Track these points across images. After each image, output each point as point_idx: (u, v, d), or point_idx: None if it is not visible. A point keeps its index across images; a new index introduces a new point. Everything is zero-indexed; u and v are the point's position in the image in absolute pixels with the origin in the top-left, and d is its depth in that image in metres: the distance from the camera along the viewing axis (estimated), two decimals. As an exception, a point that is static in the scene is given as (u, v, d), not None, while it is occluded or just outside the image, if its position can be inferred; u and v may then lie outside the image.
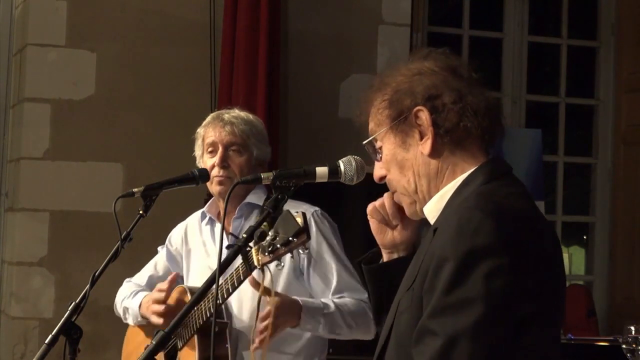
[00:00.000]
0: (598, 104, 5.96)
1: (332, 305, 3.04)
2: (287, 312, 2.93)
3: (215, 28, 4.98)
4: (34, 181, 4.85)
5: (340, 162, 2.43)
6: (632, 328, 3.23)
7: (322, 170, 2.42)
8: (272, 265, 2.49)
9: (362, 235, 4.68)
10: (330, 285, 3.12)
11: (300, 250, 2.50)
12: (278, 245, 2.48)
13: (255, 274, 2.75)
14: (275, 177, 2.40)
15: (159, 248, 3.52)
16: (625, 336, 3.24)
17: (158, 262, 3.49)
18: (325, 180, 2.43)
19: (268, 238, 2.52)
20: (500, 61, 5.75)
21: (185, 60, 4.99)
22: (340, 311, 3.04)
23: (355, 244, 3.24)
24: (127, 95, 4.94)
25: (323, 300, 3.07)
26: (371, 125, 2.06)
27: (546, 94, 5.99)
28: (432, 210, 1.99)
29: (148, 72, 4.96)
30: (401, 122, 1.98)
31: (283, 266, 2.58)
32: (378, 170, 2.08)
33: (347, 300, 3.10)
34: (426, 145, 1.96)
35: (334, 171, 2.42)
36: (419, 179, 2.00)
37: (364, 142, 2.08)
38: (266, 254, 2.53)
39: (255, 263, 2.62)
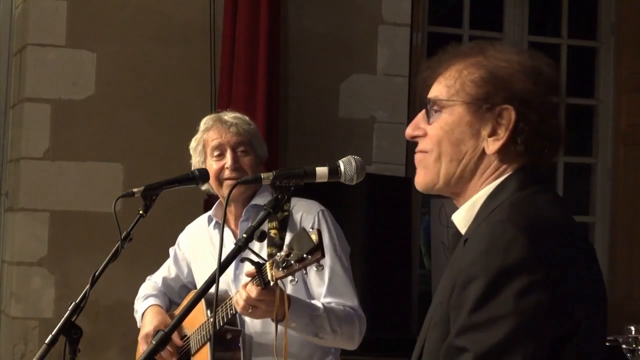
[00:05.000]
0: (598, 104, 5.96)
1: (320, 308, 2.98)
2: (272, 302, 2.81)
3: (215, 28, 4.97)
4: (34, 181, 4.84)
5: (340, 162, 2.42)
6: (632, 328, 3.23)
7: (322, 170, 2.42)
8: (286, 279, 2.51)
9: (362, 235, 4.69)
10: (321, 289, 3.07)
11: (314, 267, 2.50)
12: (292, 262, 2.50)
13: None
14: (275, 177, 2.40)
15: (170, 250, 3.52)
16: (625, 336, 3.24)
17: (170, 265, 3.50)
18: (325, 180, 2.43)
19: (282, 253, 2.54)
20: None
21: (185, 60, 4.99)
22: (328, 315, 2.98)
23: (355, 244, 3.24)
24: (127, 95, 4.94)
25: (313, 301, 3.03)
26: (440, 85, 1.91)
27: (546, 94, 5.97)
28: (463, 219, 1.91)
29: (148, 72, 4.96)
30: (483, 107, 1.87)
31: (297, 281, 2.58)
32: (414, 129, 1.94)
33: (335, 306, 3.03)
34: (494, 145, 1.87)
35: (334, 171, 2.42)
36: (459, 167, 1.90)
37: (429, 96, 1.91)
38: (280, 269, 2.55)
39: (269, 278, 2.63)
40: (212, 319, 3.03)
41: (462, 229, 1.92)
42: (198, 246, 3.38)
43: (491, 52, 1.91)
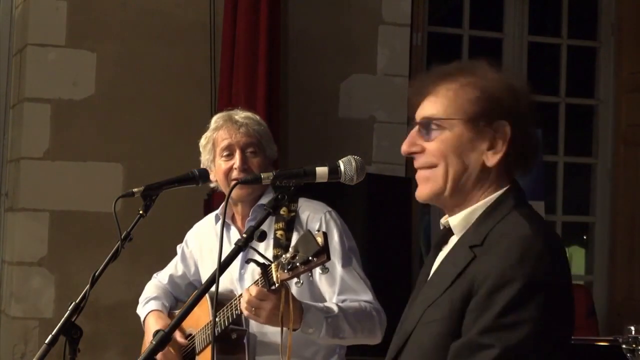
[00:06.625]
0: (598, 104, 5.96)
1: (335, 309, 2.96)
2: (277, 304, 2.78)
3: (215, 28, 4.97)
4: (34, 181, 4.84)
5: (340, 162, 2.43)
6: (632, 328, 3.22)
7: (322, 170, 2.42)
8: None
9: (362, 235, 4.69)
10: (334, 288, 3.06)
11: (319, 270, 2.50)
12: (297, 264, 2.51)
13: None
14: (275, 177, 2.40)
15: (178, 247, 3.52)
16: (625, 336, 3.24)
17: (177, 263, 3.50)
18: (325, 180, 2.43)
19: (287, 255, 2.54)
20: (500, 61, 5.75)
21: (185, 60, 4.99)
22: (344, 314, 2.96)
23: (355, 244, 3.24)
24: (127, 95, 4.94)
25: (326, 304, 3.01)
26: (435, 104, 2.10)
27: (546, 94, 5.98)
28: (460, 224, 2.10)
29: (148, 72, 4.96)
30: (481, 124, 2.06)
31: (302, 283, 2.58)
32: (411, 145, 2.12)
33: (350, 303, 3.03)
34: (493, 158, 2.07)
35: (334, 171, 2.42)
36: (462, 179, 2.08)
37: (424, 114, 2.10)
38: (285, 271, 2.55)
39: (274, 279, 2.63)
40: (216, 319, 3.03)
41: (457, 232, 2.11)
42: (205, 244, 3.38)
43: (480, 72, 2.11)
